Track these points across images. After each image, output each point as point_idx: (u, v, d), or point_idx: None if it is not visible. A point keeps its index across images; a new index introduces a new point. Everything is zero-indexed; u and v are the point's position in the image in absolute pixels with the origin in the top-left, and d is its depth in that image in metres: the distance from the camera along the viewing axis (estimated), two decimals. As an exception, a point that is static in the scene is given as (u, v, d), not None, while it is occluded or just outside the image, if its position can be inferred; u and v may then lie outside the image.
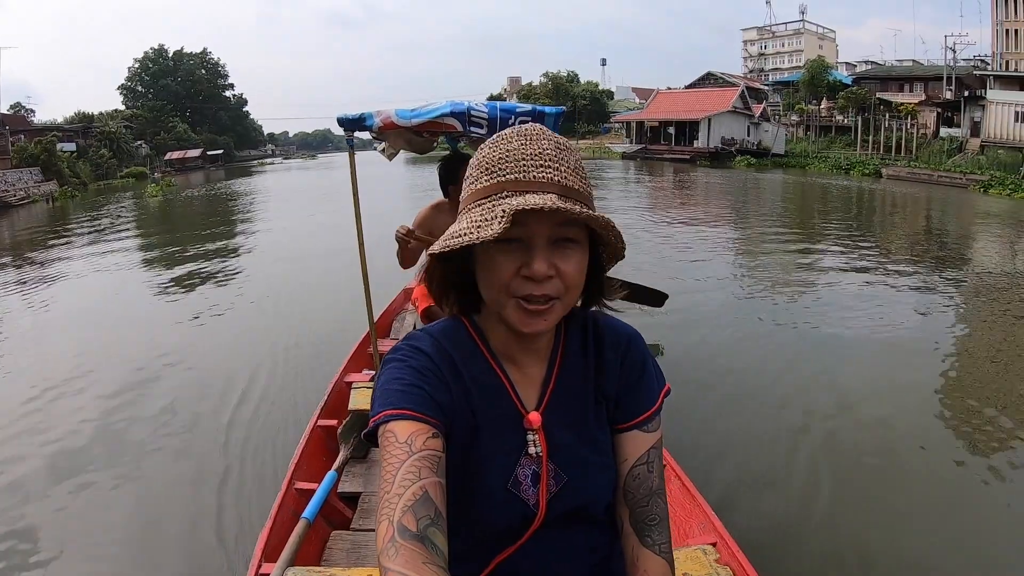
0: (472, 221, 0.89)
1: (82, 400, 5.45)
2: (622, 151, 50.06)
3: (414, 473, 0.83)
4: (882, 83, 44.64)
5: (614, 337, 1.07)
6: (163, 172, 50.80)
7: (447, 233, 0.92)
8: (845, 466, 4.08)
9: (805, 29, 68.92)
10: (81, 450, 4.59)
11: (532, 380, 1.03)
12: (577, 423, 1.03)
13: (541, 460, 0.99)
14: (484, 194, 0.91)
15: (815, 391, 5.26)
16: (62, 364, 6.37)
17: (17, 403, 5.43)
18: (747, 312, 7.82)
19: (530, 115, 3.49)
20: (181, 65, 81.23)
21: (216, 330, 7.65)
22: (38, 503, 3.94)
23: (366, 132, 3.72)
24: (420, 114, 3.44)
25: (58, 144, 39.58)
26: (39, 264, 13.48)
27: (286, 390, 5.37)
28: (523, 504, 0.98)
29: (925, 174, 30.01)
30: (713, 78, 60.27)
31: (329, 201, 22.45)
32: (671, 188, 28.09)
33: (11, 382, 6.12)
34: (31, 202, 30.62)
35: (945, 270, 10.38)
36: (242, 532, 3.40)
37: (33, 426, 5.01)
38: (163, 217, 23.85)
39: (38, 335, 7.89)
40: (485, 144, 0.95)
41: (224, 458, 4.28)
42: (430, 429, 0.88)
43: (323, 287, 9.30)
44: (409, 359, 0.96)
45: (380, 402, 0.91)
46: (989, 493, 3.78)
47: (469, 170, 0.96)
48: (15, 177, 32.00)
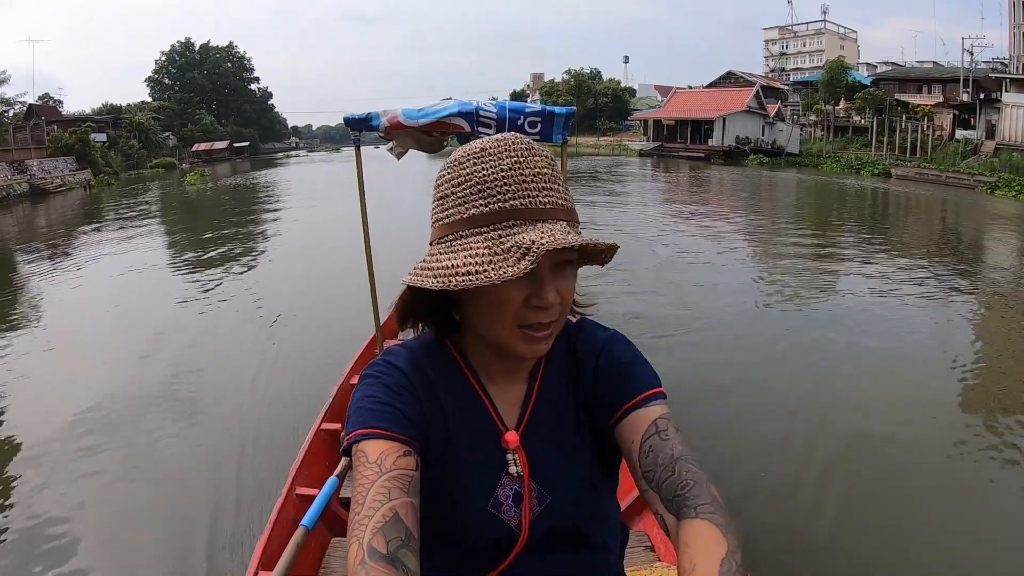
0: (478, 256, 0.84)
1: (91, 385, 5.61)
2: (639, 148, 50.78)
3: (384, 494, 0.81)
4: (901, 84, 44.60)
5: (590, 343, 1.04)
6: (191, 163, 52.21)
7: (442, 267, 0.86)
8: (861, 479, 3.99)
9: (826, 29, 68.75)
10: (81, 442, 4.62)
11: (513, 397, 1.01)
12: (561, 440, 1.00)
13: (523, 480, 0.97)
14: (484, 222, 0.86)
15: (829, 397, 5.21)
16: (74, 350, 6.82)
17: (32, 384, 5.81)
18: (753, 309, 8.35)
19: (540, 115, 3.45)
20: (207, 58, 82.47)
21: (227, 320, 7.81)
22: (35, 497, 3.96)
23: (373, 132, 3.71)
24: (427, 114, 3.42)
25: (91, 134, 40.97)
26: (98, 243, 14.69)
27: (291, 391, 5.35)
28: (504, 525, 0.96)
29: (933, 174, 30.29)
30: (733, 77, 60.32)
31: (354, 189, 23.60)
32: (684, 183, 29.50)
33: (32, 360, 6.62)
34: (68, 189, 32.03)
35: (942, 264, 11.14)
36: (243, 539, 3.36)
37: (36, 414, 5.22)
38: (203, 203, 25.48)
39: (75, 314, 8.57)
40: (464, 157, 0.90)
41: (224, 461, 4.25)
42: (401, 447, 0.87)
43: (336, 284, 9.28)
44: (382, 375, 0.94)
45: (352, 420, 0.90)
46: (1019, 510, 3.71)
47: (448, 186, 0.90)
48: (51, 165, 33.32)
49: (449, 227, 0.89)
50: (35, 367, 6.55)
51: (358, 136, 3.75)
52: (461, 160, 0.90)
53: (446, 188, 0.90)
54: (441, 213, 0.90)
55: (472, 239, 0.86)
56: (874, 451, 4.41)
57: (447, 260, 0.87)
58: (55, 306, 9.14)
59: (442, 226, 0.90)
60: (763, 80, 61.07)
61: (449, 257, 0.87)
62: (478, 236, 0.86)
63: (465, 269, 0.84)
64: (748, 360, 6.26)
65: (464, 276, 0.83)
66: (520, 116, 3.42)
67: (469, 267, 0.84)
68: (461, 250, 0.86)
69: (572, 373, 1.03)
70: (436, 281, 0.85)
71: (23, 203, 26.78)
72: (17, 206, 25.71)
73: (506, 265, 0.82)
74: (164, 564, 3.34)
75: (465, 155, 0.90)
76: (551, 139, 3.54)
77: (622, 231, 13.80)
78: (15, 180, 28.51)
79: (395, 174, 22.16)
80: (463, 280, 0.83)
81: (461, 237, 0.87)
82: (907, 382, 5.70)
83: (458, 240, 0.87)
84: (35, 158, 32.41)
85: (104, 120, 51.56)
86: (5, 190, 26.84)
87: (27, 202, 27.15)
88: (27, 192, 28.88)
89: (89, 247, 14.39)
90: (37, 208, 25.44)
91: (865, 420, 4.89)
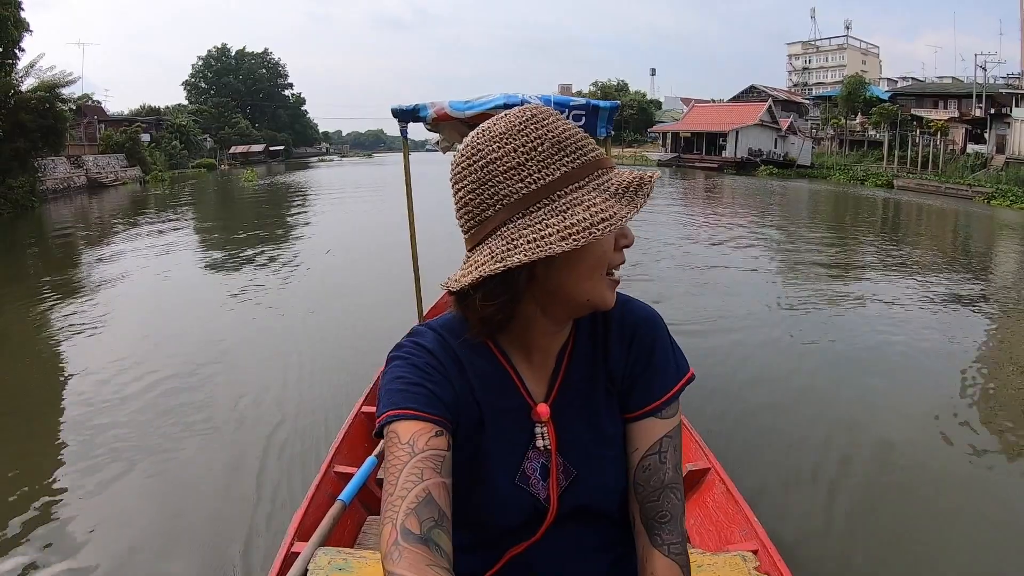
0: (597, 204, 0.82)
1: (145, 368, 5.72)
2: (658, 159, 53.08)
3: (416, 475, 0.81)
4: (918, 99, 45.50)
5: (624, 320, 1.01)
6: (229, 164, 54.76)
7: (566, 226, 0.80)
8: (902, 483, 3.93)
9: (848, 45, 69.68)
10: (129, 420, 4.72)
11: (541, 371, 0.99)
12: (588, 415, 0.99)
13: (550, 454, 0.97)
14: (580, 176, 0.84)
15: (872, 399, 5.18)
16: (132, 333, 7.10)
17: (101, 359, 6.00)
18: (747, 282, 10.08)
19: (584, 108, 3.47)
20: (243, 64, 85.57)
21: (276, 308, 8.08)
22: (84, 463, 4.08)
23: (420, 123, 3.76)
24: (473, 106, 3.44)
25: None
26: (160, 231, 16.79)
27: (334, 375, 5.38)
28: (533, 499, 0.96)
29: (933, 186, 31.64)
30: (756, 91, 61.57)
31: (398, 191, 25.87)
32: (698, 189, 31.93)
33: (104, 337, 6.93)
34: (122, 184, 34.46)
35: (921, 261, 12.73)
36: (280, 511, 3.44)
37: (95, 386, 5.38)
38: (264, 195, 28.74)
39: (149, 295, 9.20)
40: (522, 124, 0.86)
41: (267, 439, 4.33)
42: (433, 428, 0.86)
43: (380, 276, 9.69)
44: (412, 356, 0.93)
45: (383, 402, 0.90)
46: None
47: (516, 155, 0.84)
48: (104, 161, 35.67)
49: (542, 191, 0.83)
50: (124, 324, 7.52)
51: (405, 127, 3.78)
52: (519, 128, 0.85)
53: (517, 157, 0.84)
54: (520, 183, 0.84)
55: (578, 193, 0.83)
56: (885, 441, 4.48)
57: (564, 221, 0.81)
58: (162, 271, 10.84)
59: (529, 194, 0.83)
60: (785, 94, 62.37)
61: (564, 217, 0.81)
62: (583, 189, 0.84)
63: (600, 217, 0.80)
64: (738, 322, 7.29)
65: (602, 223, 0.80)
66: (565, 109, 3.46)
67: (602, 214, 0.80)
68: (575, 205, 0.82)
69: (601, 344, 1.01)
70: (570, 241, 0.79)
71: (82, 194, 29.03)
72: (77, 197, 27.94)
73: (622, 204, 0.82)
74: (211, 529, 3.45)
75: (517, 124, 0.86)
76: (595, 133, 3.54)
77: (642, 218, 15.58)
78: (74, 173, 30.79)
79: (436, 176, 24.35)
80: (604, 227, 0.79)
81: (565, 195, 0.83)
82: (889, 360, 6.22)
83: (564, 199, 0.83)
84: (88, 154, 34.73)
85: (147, 121, 54.05)
86: (66, 182, 29.05)
87: (85, 194, 29.40)
88: (85, 185, 31.16)
89: (188, 229, 16.55)
90: (104, 199, 27.71)
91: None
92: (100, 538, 3.31)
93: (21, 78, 22.16)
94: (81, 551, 3.20)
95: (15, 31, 19.51)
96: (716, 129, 49.32)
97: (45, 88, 22.43)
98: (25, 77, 22.38)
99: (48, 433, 4.67)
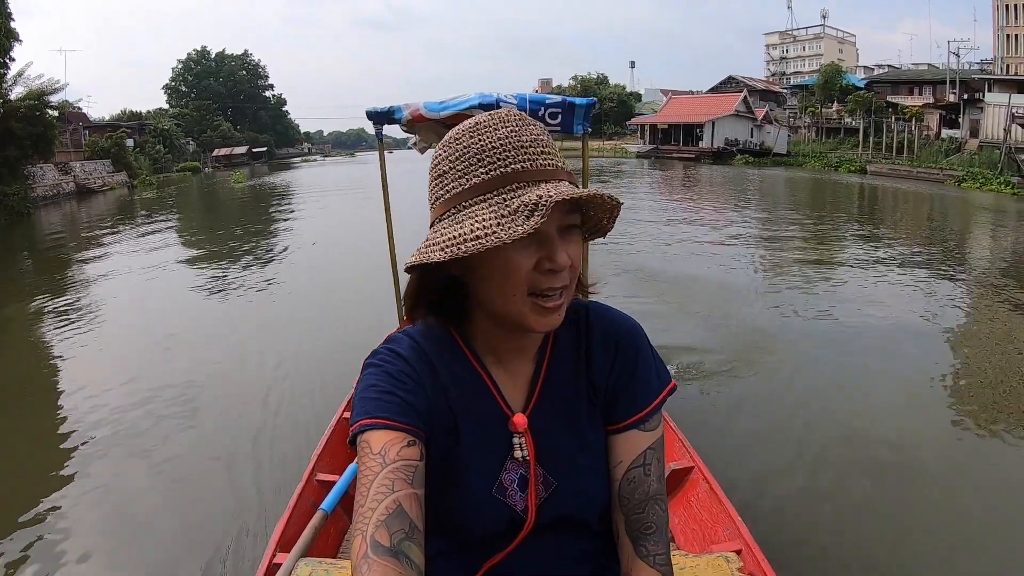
0: (485, 221, 0.82)
1: (131, 374, 5.79)
2: (636, 151, 54.25)
3: (387, 486, 0.80)
4: (894, 86, 46.28)
5: (606, 329, 1.00)
6: (212, 167, 54.70)
7: (447, 238, 0.83)
8: (887, 478, 3.91)
9: (825, 34, 70.77)
10: (101, 425, 4.73)
11: (519, 379, 0.98)
12: (568, 425, 0.98)
13: (528, 464, 0.96)
14: (487, 189, 0.84)
15: (851, 390, 5.16)
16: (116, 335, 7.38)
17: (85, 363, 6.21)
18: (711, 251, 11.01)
19: (560, 106, 3.43)
20: (223, 66, 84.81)
21: (252, 311, 8.19)
22: (63, 469, 4.09)
23: (395, 125, 3.73)
24: (448, 106, 3.41)
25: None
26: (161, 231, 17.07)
27: (314, 380, 5.34)
28: (510, 510, 0.95)
29: (905, 170, 32.72)
30: (734, 81, 62.32)
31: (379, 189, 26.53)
32: (676, 178, 33.39)
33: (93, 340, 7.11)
34: (110, 189, 34.49)
35: (883, 239, 13.66)
36: (263, 522, 3.41)
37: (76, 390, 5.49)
38: (254, 196, 29.42)
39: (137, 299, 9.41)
40: (459, 133, 0.88)
41: (247, 448, 4.28)
42: (405, 437, 0.85)
43: (358, 278, 9.53)
44: (385, 364, 0.92)
45: (356, 411, 0.88)
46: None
47: (445, 163, 0.87)
48: (91, 167, 35.66)
49: (450, 201, 0.86)
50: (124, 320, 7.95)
51: (380, 129, 3.77)
52: (456, 136, 0.88)
53: (444, 165, 0.88)
54: (440, 190, 0.88)
55: (476, 207, 0.84)
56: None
57: (452, 231, 0.84)
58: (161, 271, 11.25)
59: (443, 203, 0.87)
60: (763, 84, 63.26)
61: (454, 228, 0.84)
62: (483, 203, 0.84)
63: (473, 234, 0.81)
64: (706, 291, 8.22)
65: (473, 241, 0.81)
66: (540, 107, 3.42)
67: (477, 232, 0.81)
68: (467, 219, 0.84)
69: (583, 354, 1.00)
70: (443, 252, 0.82)
71: (71, 201, 29.07)
72: (66, 203, 28.02)
73: (515, 224, 0.80)
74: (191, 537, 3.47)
75: (460, 131, 0.88)
76: (571, 131, 3.54)
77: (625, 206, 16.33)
78: (63, 180, 30.83)
79: (417, 173, 25.14)
80: (472, 245, 0.80)
81: (464, 208, 0.85)
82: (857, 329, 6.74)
83: (462, 212, 0.85)
84: (75, 161, 34.73)
85: (130, 126, 53.82)
86: (55, 189, 29.12)
87: (74, 200, 29.42)
88: (74, 191, 31.19)
89: (183, 229, 16.89)
90: (95, 204, 27.92)
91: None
92: (81, 546, 3.33)
93: (10, 87, 22.32)
94: (63, 558, 3.23)
95: (5, 41, 19.65)
96: (693, 120, 50.49)
97: (34, 96, 22.61)
98: (13, 86, 22.55)
99: (33, 438, 4.77)
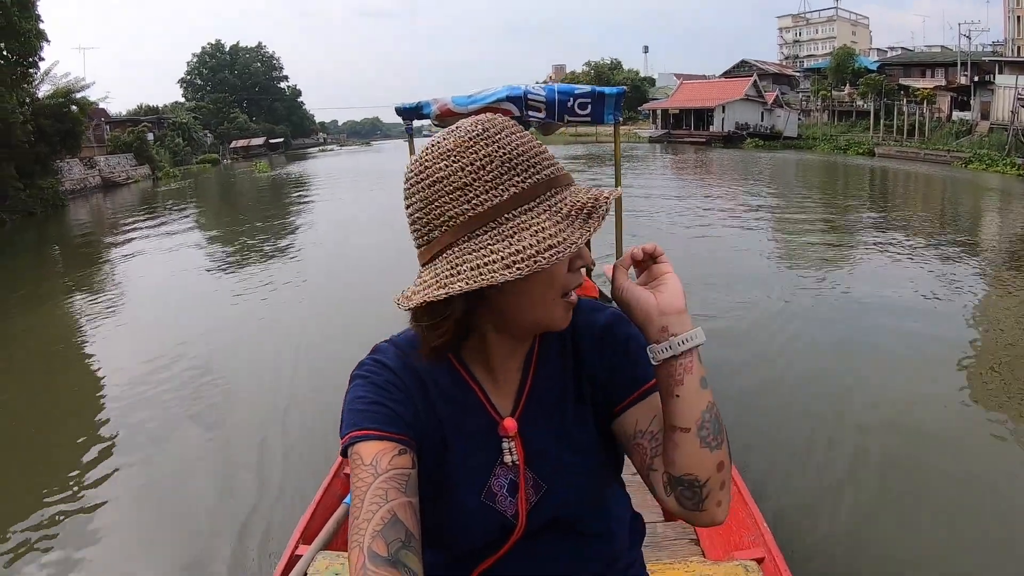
0: (545, 230, 0.78)
1: (162, 362, 5.95)
2: (648, 136, 54.60)
3: (381, 495, 0.79)
4: (906, 69, 45.94)
5: (589, 323, 0.99)
6: (231, 159, 55.80)
7: (510, 255, 0.77)
8: (919, 490, 3.73)
9: (838, 16, 70.14)
10: (129, 421, 4.84)
11: (507, 384, 0.97)
12: (557, 428, 0.97)
13: (518, 469, 0.94)
14: (530, 196, 0.80)
15: (884, 396, 4.93)
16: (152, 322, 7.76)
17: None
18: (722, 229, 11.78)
19: (590, 97, 3.38)
20: (237, 59, 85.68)
21: (282, 306, 8.23)
22: (92, 458, 4.22)
23: (425, 120, 3.77)
24: (476, 100, 3.40)
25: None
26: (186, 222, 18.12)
27: (345, 374, 6.12)
28: (500, 516, 0.93)
29: (913, 152, 32.83)
30: (747, 66, 62.14)
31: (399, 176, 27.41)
32: (687, 161, 34.31)
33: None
34: (134, 182, 35.68)
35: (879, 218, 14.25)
36: (288, 515, 3.43)
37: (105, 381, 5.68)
38: (281, 183, 31.18)
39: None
40: (470, 141, 0.82)
41: (276, 442, 4.34)
42: (396, 446, 0.85)
43: (393, 257, 9.36)
44: (372, 375, 0.92)
45: (345, 423, 0.88)
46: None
47: (462, 175, 0.81)
48: (115, 161, 36.79)
49: (486, 215, 0.80)
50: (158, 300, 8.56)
51: (410, 124, 3.83)
52: (467, 146, 0.82)
53: (464, 176, 0.81)
54: (465, 205, 0.80)
55: (526, 216, 0.80)
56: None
57: (509, 247, 0.78)
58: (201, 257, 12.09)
59: (474, 218, 0.80)
60: (776, 68, 63.06)
61: (510, 243, 0.78)
62: (530, 212, 0.80)
63: (547, 244, 0.77)
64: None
65: (549, 251, 0.76)
66: (569, 98, 3.37)
67: (550, 240, 0.77)
68: (522, 230, 0.79)
69: (571, 353, 0.99)
70: (514, 270, 0.76)
71: (98, 194, 30.24)
72: (93, 196, 29.15)
73: (575, 229, 0.78)
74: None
75: (466, 141, 0.82)
76: (602, 120, 3.48)
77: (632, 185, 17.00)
78: (89, 174, 31.93)
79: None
80: (549, 255, 0.76)
81: (510, 219, 0.80)
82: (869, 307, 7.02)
83: (507, 224, 0.79)
84: (99, 155, 35.82)
85: (149, 120, 54.90)
86: (82, 183, 30.20)
87: (100, 193, 30.58)
88: (100, 185, 32.35)
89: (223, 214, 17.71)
90: (123, 196, 29.03)
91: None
92: (104, 536, 3.47)
93: (38, 85, 23.33)
94: (86, 550, 3.40)
95: (36, 42, 20.56)
96: (704, 105, 50.75)
97: (62, 94, 23.62)
98: (41, 84, 23.59)
99: (59, 428, 4.97)
